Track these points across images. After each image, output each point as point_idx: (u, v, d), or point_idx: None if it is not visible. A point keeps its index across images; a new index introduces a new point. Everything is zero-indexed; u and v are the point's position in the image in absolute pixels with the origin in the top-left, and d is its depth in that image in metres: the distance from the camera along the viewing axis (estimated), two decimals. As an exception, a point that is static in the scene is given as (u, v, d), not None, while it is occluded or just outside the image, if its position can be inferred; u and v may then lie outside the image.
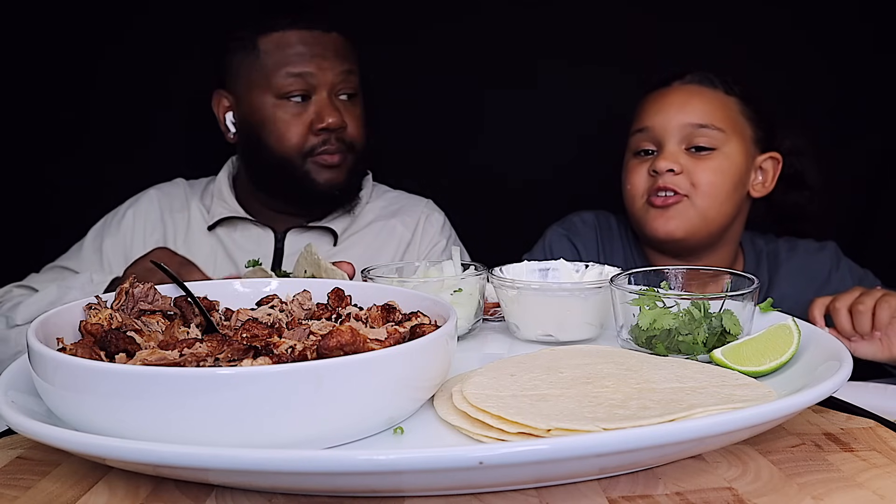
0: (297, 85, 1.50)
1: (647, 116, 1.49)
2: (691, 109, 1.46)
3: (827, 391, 0.66)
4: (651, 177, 1.47)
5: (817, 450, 0.69)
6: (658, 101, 1.50)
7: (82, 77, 1.83)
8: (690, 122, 1.45)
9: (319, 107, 1.51)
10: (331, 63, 1.51)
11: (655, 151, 1.48)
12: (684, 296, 0.88)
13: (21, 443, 0.73)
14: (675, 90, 1.50)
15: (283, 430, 0.61)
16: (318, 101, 1.51)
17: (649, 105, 1.51)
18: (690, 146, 1.45)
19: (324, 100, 1.51)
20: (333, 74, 1.51)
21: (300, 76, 1.49)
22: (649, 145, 1.49)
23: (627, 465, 0.63)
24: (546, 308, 0.94)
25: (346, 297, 0.88)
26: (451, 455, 0.55)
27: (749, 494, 0.61)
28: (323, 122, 1.49)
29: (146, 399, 0.59)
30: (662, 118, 1.47)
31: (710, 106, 1.47)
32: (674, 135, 1.46)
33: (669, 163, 1.43)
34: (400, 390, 0.67)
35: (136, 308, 0.83)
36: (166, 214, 1.61)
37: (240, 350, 0.68)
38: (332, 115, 1.50)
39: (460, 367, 0.81)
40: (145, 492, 0.62)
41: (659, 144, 1.47)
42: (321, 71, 1.50)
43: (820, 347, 0.80)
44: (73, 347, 0.69)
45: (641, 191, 1.49)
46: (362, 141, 1.57)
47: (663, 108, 1.48)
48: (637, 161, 1.51)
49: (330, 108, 1.51)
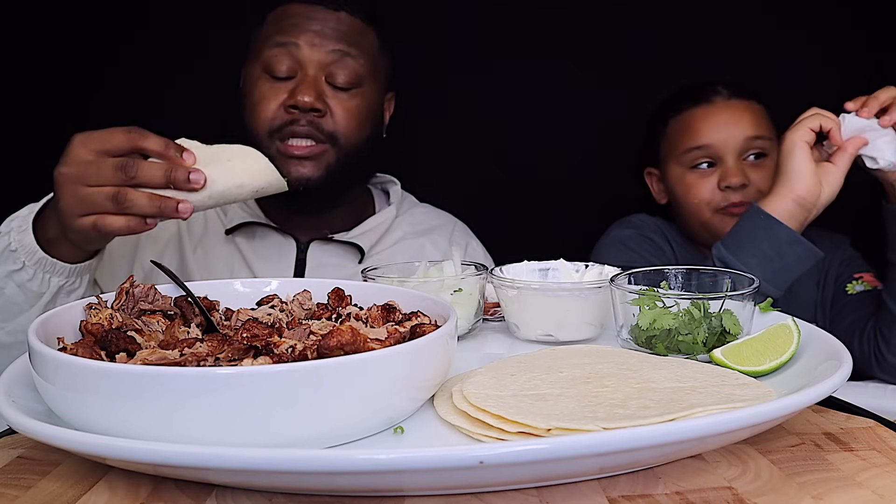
0: (282, 58, 1.33)
1: (703, 135, 1.58)
2: (745, 124, 1.57)
3: (827, 391, 0.66)
4: (721, 191, 1.57)
5: (817, 449, 0.69)
6: (709, 119, 1.59)
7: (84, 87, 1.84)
8: (746, 136, 1.57)
9: (297, 83, 1.33)
10: (324, 40, 1.34)
11: (713, 164, 1.58)
12: (684, 296, 0.88)
13: (22, 442, 0.73)
14: (722, 107, 1.59)
15: (283, 429, 0.61)
16: (300, 79, 1.33)
17: (700, 123, 1.59)
18: (746, 156, 1.57)
19: (306, 77, 1.33)
20: (323, 53, 1.33)
21: (284, 46, 1.33)
22: (707, 160, 1.59)
23: (627, 465, 0.63)
24: (546, 308, 0.94)
25: (347, 297, 0.88)
26: (452, 455, 0.55)
27: (749, 494, 0.61)
28: (293, 98, 1.31)
29: (147, 398, 0.59)
30: (721, 136, 1.57)
31: (756, 117, 1.59)
32: (734, 150, 1.57)
33: (741, 179, 1.55)
34: (400, 390, 0.67)
35: (136, 308, 0.83)
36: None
37: (240, 350, 0.68)
38: (307, 93, 1.31)
39: (460, 367, 0.81)
40: (146, 491, 0.63)
41: (718, 159, 1.58)
42: (310, 47, 1.33)
43: (819, 347, 0.80)
44: (73, 347, 0.69)
45: (711, 203, 1.58)
46: (352, 137, 1.36)
47: (718, 126, 1.58)
48: (696, 175, 1.60)
49: (307, 86, 1.31)
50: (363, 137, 1.38)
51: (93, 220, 1.01)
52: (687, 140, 1.60)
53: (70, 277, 1.13)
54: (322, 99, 1.32)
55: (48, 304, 1.13)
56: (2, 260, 1.12)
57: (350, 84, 1.35)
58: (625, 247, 1.64)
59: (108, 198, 0.99)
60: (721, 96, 1.59)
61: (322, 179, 1.35)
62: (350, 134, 1.36)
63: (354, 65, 1.35)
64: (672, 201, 1.67)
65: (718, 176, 1.57)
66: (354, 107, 1.36)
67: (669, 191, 1.66)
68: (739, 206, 1.54)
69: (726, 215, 1.56)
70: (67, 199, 1.01)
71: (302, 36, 1.33)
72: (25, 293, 1.12)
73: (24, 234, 1.10)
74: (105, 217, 1.00)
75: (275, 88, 1.33)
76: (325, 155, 1.34)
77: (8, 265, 1.11)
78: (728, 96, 1.59)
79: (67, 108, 1.82)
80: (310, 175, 1.34)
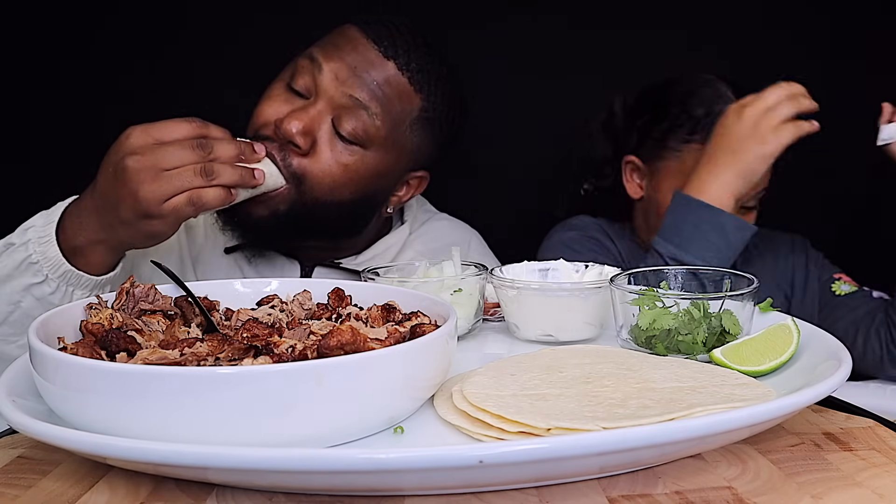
0: (305, 73, 1.18)
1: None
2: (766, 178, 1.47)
3: (826, 390, 0.66)
4: None
5: (817, 449, 0.69)
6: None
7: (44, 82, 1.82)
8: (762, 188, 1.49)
9: (301, 106, 1.17)
10: (349, 79, 1.17)
11: None
12: (684, 296, 0.88)
13: (22, 442, 0.73)
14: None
15: (283, 429, 0.61)
16: (305, 104, 1.18)
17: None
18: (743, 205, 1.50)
19: (311, 107, 1.17)
20: (340, 93, 1.16)
21: (313, 62, 1.18)
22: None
23: (627, 464, 0.63)
24: (546, 308, 0.94)
25: (347, 297, 0.88)
26: (451, 454, 0.55)
27: (748, 493, 0.61)
28: (283, 120, 1.15)
29: (147, 398, 0.59)
30: None
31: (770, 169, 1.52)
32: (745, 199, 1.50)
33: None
34: (400, 390, 0.67)
35: (136, 308, 0.83)
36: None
37: (240, 349, 0.68)
38: (296, 122, 1.14)
39: (460, 367, 0.81)
40: (146, 491, 0.63)
41: None
42: (333, 79, 1.17)
43: (819, 347, 0.80)
44: (74, 347, 0.69)
45: None
46: (323, 190, 1.17)
47: None
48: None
49: (301, 116, 1.15)
50: (336, 198, 1.19)
51: (187, 196, 1.01)
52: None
53: (94, 290, 1.10)
54: (311, 136, 1.15)
55: None
56: (20, 272, 1.08)
57: (353, 138, 1.17)
58: (570, 249, 1.58)
59: (197, 173, 1.01)
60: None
61: (268, 223, 1.17)
62: (320, 186, 1.17)
63: (367, 121, 1.17)
64: (650, 207, 1.58)
65: None
66: (344, 163, 1.18)
67: (658, 202, 1.54)
68: None
69: None
70: (148, 185, 0.99)
71: (333, 63, 1.17)
72: (45, 307, 1.07)
73: (47, 246, 1.07)
74: (199, 192, 1.02)
75: (283, 97, 1.20)
76: (278, 195, 1.15)
77: (27, 278, 1.07)
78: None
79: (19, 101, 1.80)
80: (252, 212, 1.15)
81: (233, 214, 1.17)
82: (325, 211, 1.20)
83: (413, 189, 1.34)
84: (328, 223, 1.22)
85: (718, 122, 1.31)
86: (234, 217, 1.18)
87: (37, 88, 1.81)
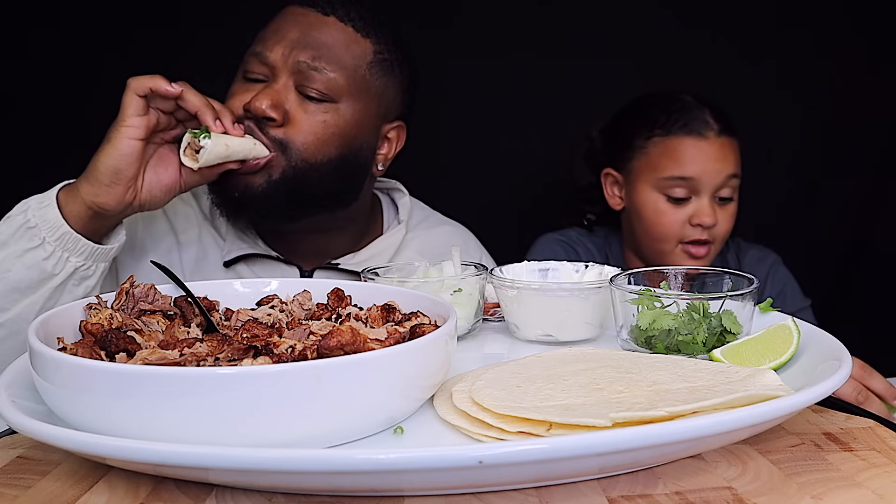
0: (256, 66, 1.23)
1: (689, 167, 1.54)
2: (730, 163, 1.55)
3: (826, 391, 0.66)
4: (691, 226, 1.55)
5: (817, 449, 0.69)
6: (699, 153, 1.54)
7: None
8: (727, 174, 1.55)
9: (263, 87, 1.21)
10: (295, 50, 1.21)
11: (688, 197, 1.55)
12: (684, 296, 0.88)
13: (21, 442, 0.73)
14: (714, 143, 1.54)
15: (283, 429, 0.61)
16: (266, 84, 1.22)
17: (689, 155, 1.54)
18: (717, 195, 1.55)
19: (273, 84, 1.21)
20: (292, 63, 1.21)
21: (256, 56, 1.23)
22: (685, 193, 1.55)
23: (627, 465, 0.63)
24: (546, 308, 0.94)
25: (346, 297, 0.88)
26: (451, 454, 0.55)
27: (748, 494, 0.61)
28: (250, 102, 1.19)
29: (147, 398, 0.59)
30: (706, 172, 1.53)
31: (737, 156, 1.57)
32: (713, 187, 1.54)
33: (714, 218, 1.54)
34: (400, 390, 0.67)
35: (136, 308, 0.83)
36: (180, 233, 1.35)
37: (240, 350, 0.68)
38: (262, 99, 1.18)
39: (460, 367, 0.81)
40: (145, 491, 0.63)
41: (695, 193, 1.55)
42: (282, 57, 1.21)
43: (819, 347, 0.80)
44: (73, 347, 0.69)
45: (676, 235, 1.57)
46: (308, 152, 1.21)
47: (707, 162, 1.54)
48: (670, 205, 1.56)
49: (265, 92, 1.20)
50: (323, 158, 1.23)
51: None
52: (671, 167, 1.55)
53: (88, 260, 1.12)
54: (281, 107, 1.20)
55: (56, 290, 1.11)
56: (15, 239, 1.10)
57: (321, 96, 1.22)
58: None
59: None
60: (713, 131, 1.54)
61: (264, 190, 1.21)
62: (305, 148, 1.21)
63: (322, 78, 1.22)
64: (631, 215, 1.64)
65: (692, 211, 1.55)
66: (321, 121, 1.22)
67: (633, 206, 1.62)
68: (700, 244, 1.56)
69: (685, 252, 1.57)
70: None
71: (276, 46, 1.22)
72: (35, 275, 1.09)
73: (46, 209, 1.10)
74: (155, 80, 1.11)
75: (244, 88, 1.24)
76: (269, 164, 1.20)
77: (23, 243, 1.09)
78: (719, 132, 1.54)
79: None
80: (253, 185, 1.20)
81: (229, 189, 1.21)
82: (318, 172, 1.23)
83: (394, 143, 1.36)
84: (323, 185, 1.25)
85: None
86: (233, 192, 1.21)
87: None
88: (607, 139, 1.68)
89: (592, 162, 1.70)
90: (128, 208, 1.13)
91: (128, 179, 1.11)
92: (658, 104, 1.60)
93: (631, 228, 1.65)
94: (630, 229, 1.66)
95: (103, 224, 1.14)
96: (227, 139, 1.14)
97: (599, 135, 1.70)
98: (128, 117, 1.10)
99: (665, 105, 1.58)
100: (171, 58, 1.53)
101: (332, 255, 1.36)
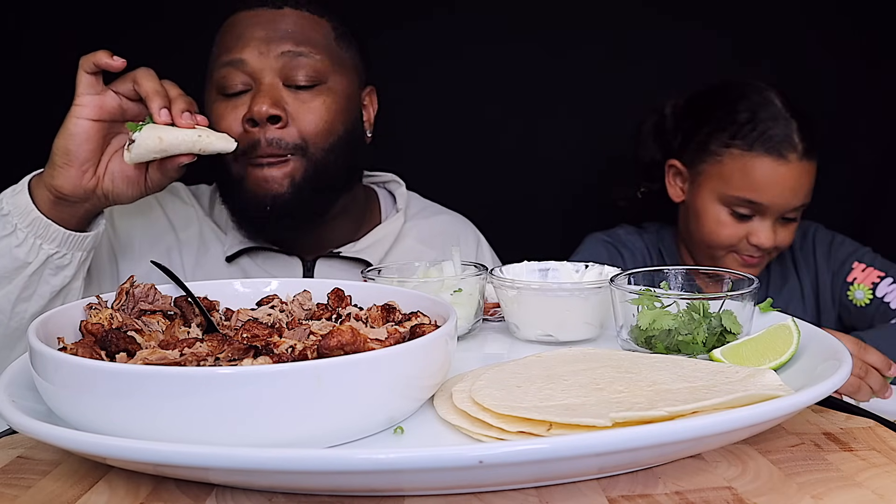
0: (234, 77, 1.23)
1: (763, 192, 1.48)
2: (803, 193, 1.51)
3: (826, 391, 0.66)
4: (748, 244, 1.53)
5: (817, 449, 0.69)
6: (777, 179, 1.48)
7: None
8: (798, 203, 1.51)
9: (253, 94, 1.22)
10: (270, 45, 1.23)
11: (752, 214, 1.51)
12: (684, 296, 0.88)
13: (22, 442, 0.73)
14: (793, 168, 1.48)
15: (283, 429, 0.61)
16: (255, 90, 1.22)
17: (766, 179, 1.48)
18: (781, 217, 1.52)
19: (261, 87, 1.22)
20: (273, 58, 1.22)
21: (231, 65, 1.23)
22: (750, 212, 1.51)
23: (627, 465, 0.63)
24: (546, 308, 0.94)
25: (346, 297, 0.88)
26: (451, 454, 0.55)
27: (748, 494, 0.61)
28: (250, 112, 1.20)
29: (147, 398, 0.59)
30: (778, 199, 1.49)
31: (812, 181, 1.51)
32: (780, 211, 1.50)
33: (773, 242, 1.52)
34: (400, 390, 0.67)
35: (136, 308, 0.83)
36: (179, 231, 1.35)
37: (240, 350, 0.68)
38: (262, 102, 1.19)
39: (460, 367, 0.81)
40: (146, 491, 0.63)
41: (760, 213, 1.51)
42: (258, 56, 1.22)
43: (819, 347, 0.80)
44: (73, 347, 0.69)
45: (732, 247, 1.55)
46: (321, 140, 1.24)
47: (783, 190, 1.48)
48: (732, 220, 1.52)
49: (261, 95, 1.20)
50: (335, 138, 1.26)
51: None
52: (743, 188, 1.49)
53: (62, 247, 1.10)
54: (280, 105, 1.21)
55: (30, 279, 1.10)
56: None
57: (310, 81, 1.24)
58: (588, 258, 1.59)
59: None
60: (796, 153, 1.46)
61: (290, 195, 1.23)
62: (318, 137, 1.24)
63: (309, 62, 1.24)
64: (689, 213, 1.60)
65: (752, 229, 1.51)
66: (320, 105, 1.25)
67: (693, 206, 1.58)
68: (757, 258, 1.54)
69: (738, 261, 1.56)
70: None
71: (247, 49, 1.23)
72: (8, 263, 1.08)
73: (18, 196, 1.09)
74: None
75: (231, 105, 1.23)
76: (291, 167, 1.22)
77: None
78: (802, 154, 1.47)
79: None
80: (280, 191, 1.22)
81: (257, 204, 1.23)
82: (334, 155, 1.26)
83: (370, 107, 1.40)
84: (338, 167, 1.28)
85: None
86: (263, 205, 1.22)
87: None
88: (681, 125, 1.61)
89: (661, 140, 1.65)
90: (91, 195, 1.10)
91: (81, 162, 1.07)
92: (745, 105, 1.51)
93: (686, 224, 1.62)
94: (686, 225, 1.62)
95: (70, 211, 1.11)
96: (161, 131, 1.06)
97: (672, 114, 1.64)
98: (78, 96, 1.08)
99: (753, 110, 1.50)
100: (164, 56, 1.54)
101: (332, 244, 1.37)
